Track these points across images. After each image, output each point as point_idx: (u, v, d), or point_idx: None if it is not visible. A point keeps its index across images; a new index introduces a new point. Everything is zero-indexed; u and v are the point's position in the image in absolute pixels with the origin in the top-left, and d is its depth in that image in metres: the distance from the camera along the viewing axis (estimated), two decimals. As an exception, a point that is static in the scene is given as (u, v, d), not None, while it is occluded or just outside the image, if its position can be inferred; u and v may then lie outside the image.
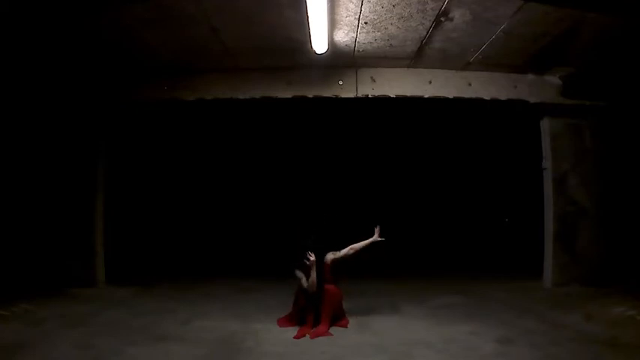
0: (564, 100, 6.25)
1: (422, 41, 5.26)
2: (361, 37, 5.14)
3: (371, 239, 4.67)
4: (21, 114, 6.28)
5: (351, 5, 4.39)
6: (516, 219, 9.12)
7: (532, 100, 6.28)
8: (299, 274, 4.58)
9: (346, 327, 4.53)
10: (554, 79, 6.21)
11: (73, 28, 4.80)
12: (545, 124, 6.42)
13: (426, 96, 6.20)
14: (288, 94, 6.16)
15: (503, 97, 6.24)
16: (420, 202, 9.84)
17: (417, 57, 5.77)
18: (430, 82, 6.18)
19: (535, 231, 6.66)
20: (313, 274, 4.47)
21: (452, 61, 5.88)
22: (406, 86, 6.19)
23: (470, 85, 6.20)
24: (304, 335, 4.26)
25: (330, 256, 4.65)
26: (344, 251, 4.68)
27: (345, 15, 4.59)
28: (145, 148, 9.04)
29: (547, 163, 6.39)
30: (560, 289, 6.02)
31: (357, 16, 4.61)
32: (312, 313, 4.46)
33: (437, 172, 9.83)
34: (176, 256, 8.43)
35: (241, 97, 6.19)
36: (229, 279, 6.87)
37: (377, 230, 4.68)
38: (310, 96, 6.17)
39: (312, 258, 4.47)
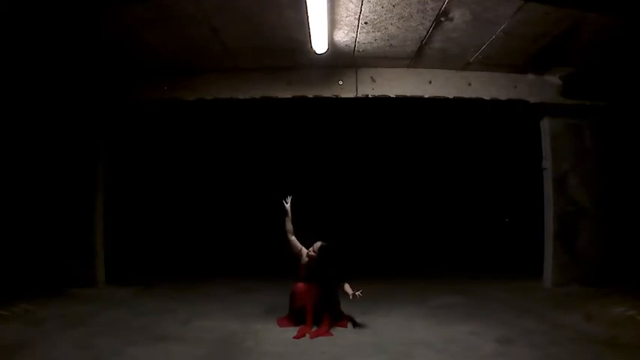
0: (564, 100, 6.25)
1: (422, 41, 5.26)
2: (361, 37, 5.14)
3: (351, 293, 4.50)
4: (21, 114, 6.28)
5: (351, 5, 4.39)
6: (516, 219, 9.12)
7: (532, 100, 6.28)
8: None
9: (346, 327, 4.53)
10: (554, 79, 6.22)
11: (73, 28, 4.80)
12: (545, 124, 6.42)
13: (426, 96, 6.20)
14: (288, 94, 6.16)
15: (503, 97, 6.25)
16: (421, 202, 9.84)
17: (417, 57, 5.77)
18: (430, 82, 6.18)
19: (535, 231, 6.66)
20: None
21: (452, 61, 5.88)
22: (406, 86, 6.19)
23: (470, 85, 6.20)
24: (304, 335, 4.26)
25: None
26: (347, 287, 4.62)
27: (345, 15, 4.59)
28: (145, 148, 9.04)
29: (547, 163, 6.39)
30: (560, 289, 6.02)
31: (357, 16, 4.61)
32: (313, 313, 4.46)
33: (437, 172, 9.82)
34: (176, 256, 8.42)
35: (241, 97, 6.19)
36: (229, 279, 6.88)
37: (349, 290, 4.52)
38: (310, 96, 6.17)
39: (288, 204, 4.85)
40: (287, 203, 4.88)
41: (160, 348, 3.91)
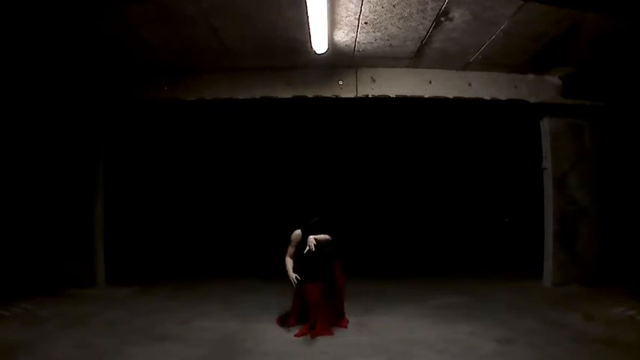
0: (564, 100, 6.25)
1: (422, 41, 5.26)
2: (361, 37, 5.14)
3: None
4: (21, 114, 6.28)
5: (351, 5, 4.39)
6: (516, 219, 9.12)
7: (532, 100, 6.28)
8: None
9: (346, 327, 4.54)
10: (554, 79, 6.22)
11: (73, 27, 4.80)
12: (545, 124, 6.42)
13: (426, 96, 6.20)
14: (288, 94, 6.15)
15: (503, 97, 6.24)
16: (421, 202, 9.85)
17: (417, 57, 5.77)
18: (430, 82, 6.18)
19: (535, 231, 6.66)
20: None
21: (452, 61, 5.88)
22: (406, 86, 6.19)
23: (470, 85, 6.20)
24: (306, 334, 4.27)
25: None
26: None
27: (345, 15, 4.59)
28: (145, 148, 9.04)
29: (547, 163, 6.38)
30: (560, 289, 6.02)
31: (357, 16, 4.61)
32: (315, 312, 4.45)
33: (437, 172, 9.83)
34: (176, 256, 8.43)
35: (241, 97, 6.19)
36: (229, 278, 6.87)
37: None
38: (310, 96, 6.16)
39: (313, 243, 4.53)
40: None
41: (159, 348, 3.91)
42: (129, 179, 8.29)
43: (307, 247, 4.53)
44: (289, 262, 4.73)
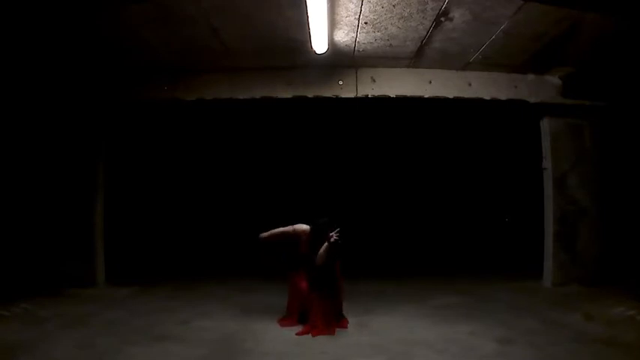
0: (564, 100, 6.25)
1: (422, 41, 5.26)
2: (361, 37, 5.14)
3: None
4: (21, 114, 6.28)
5: (351, 5, 4.39)
6: (517, 219, 9.12)
7: (532, 100, 6.28)
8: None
9: (346, 327, 4.53)
10: (554, 79, 6.22)
11: (73, 28, 4.80)
12: (545, 124, 6.42)
13: (426, 96, 6.20)
14: (288, 94, 6.15)
15: (503, 97, 6.24)
16: (421, 202, 9.85)
17: (417, 57, 5.77)
18: (430, 82, 6.18)
19: (535, 231, 6.66)
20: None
21: (452, 61, 5.88)
22: (406, 86, 6.18)
23: (470, 85, 6.20)
24: (307, 333, 4.29)
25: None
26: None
27: (345, 15, 4.59)
28: (145, 148, 9.04)
29: (547, 163, 6.38)
30: (560, 289, 6.02)
31: (357, 16, 4.61)
32: (315, 311, 4.45)
33: (437, 172, 9.83)
34: (176, 256, 8.43)
35: (241, 97, 6.19)
36: (229, 278, 6.87)
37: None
38: (310, 96, 6.16)
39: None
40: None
41: (159, 348, 3.91)
42: (129, 179, 8.29)
43: (330, 242, 4.45)
44: (275, 231, 4.85)
